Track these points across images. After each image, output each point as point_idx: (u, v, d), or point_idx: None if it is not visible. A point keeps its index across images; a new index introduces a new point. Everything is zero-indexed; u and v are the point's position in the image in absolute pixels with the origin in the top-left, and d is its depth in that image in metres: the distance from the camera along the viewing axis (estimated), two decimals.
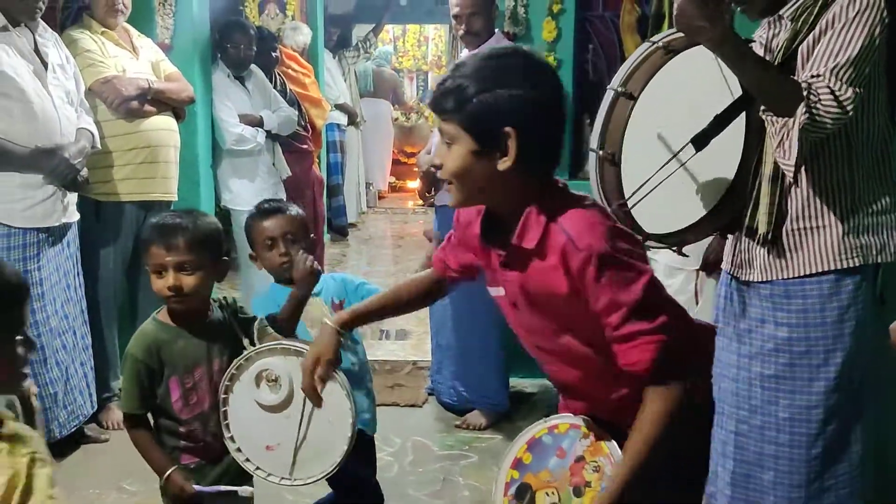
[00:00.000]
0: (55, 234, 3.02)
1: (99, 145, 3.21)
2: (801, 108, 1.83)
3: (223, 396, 1.90)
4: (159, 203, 3.60)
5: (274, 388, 1.88)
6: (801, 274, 1.97)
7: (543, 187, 1.57)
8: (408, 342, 4.77)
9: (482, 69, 1.51)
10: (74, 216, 3.13)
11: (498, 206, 1.62)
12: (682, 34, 2.01)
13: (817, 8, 1.87)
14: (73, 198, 3.10)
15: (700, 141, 1.99)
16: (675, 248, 2.25)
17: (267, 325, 2.06)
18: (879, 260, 1.96)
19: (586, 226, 1.52)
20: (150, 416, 2.04)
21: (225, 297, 2.11)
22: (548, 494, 1.57)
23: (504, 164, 1.50)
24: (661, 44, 2.11)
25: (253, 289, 4.54)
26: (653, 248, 2.23)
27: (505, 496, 1.59)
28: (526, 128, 1.49)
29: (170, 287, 1.94)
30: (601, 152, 2.09)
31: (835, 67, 1.81)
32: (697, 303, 2.93)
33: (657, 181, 2.05)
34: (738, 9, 2.04)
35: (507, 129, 1.48)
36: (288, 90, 4.86)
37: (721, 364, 2.18)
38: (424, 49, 10.61)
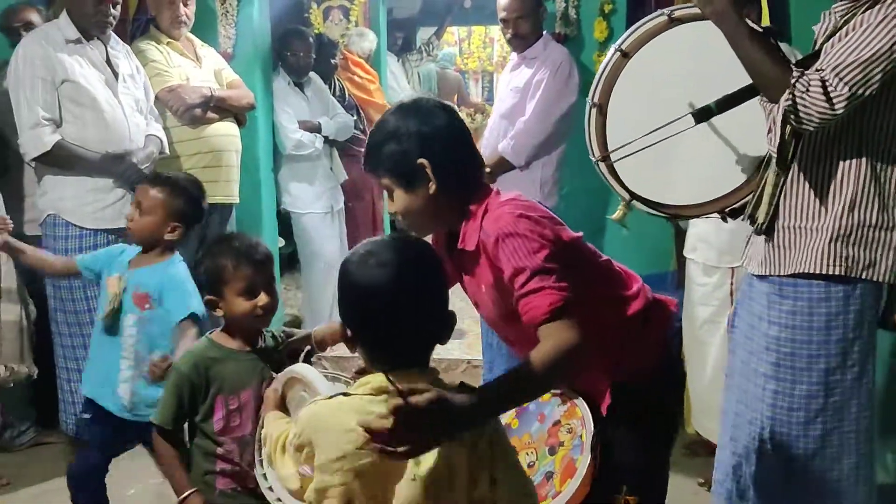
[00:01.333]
0: (124, 236, 3.18)
1: (167, 151, 3.37)
2: (786, 95, 1.84)
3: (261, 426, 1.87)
4: (222, 205, 3.75)
5: None
6: (792, 272, 1.99)
7: (473, 199, 1.76)
8: (463, 341, 4.82)
9: (385, 124, 1.76)
10: None
11: (446, 225, 1.84)
12: (693, 8, 2.07)
13: (861, 10, 1.88)
14: None
15: (701, 115, 2.03)
16: (667, 217, 2.34)
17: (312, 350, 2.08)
18: (865, 276, 1.94)
19: (495, 218, 1.69)
20: (186, 435, 2.03)
21: (276, 330, 2.14)
22: (527, 455, 1.68)
23: (431, 188, 1.72)
24: (668, 13, 2.18)
25: (313, 287, 4.69)
26: (642, 211, 2.32)
27: None
28: (434, 155, 1.71)
29: (264, 306, 1.97)
30: (591, 100, 2.25)
31: (839, 65, 1.81)
32: (733, 302, 2.92)
33: (646, 143, 2.12)
34: None
35: (421, 160, 1.70)
36: (347, 95, 4.98)
37: (734, 357, 2.22)
38: (490, 50, 10.62)
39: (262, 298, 1.97)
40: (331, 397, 1.43)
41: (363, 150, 4.97)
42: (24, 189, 3.48)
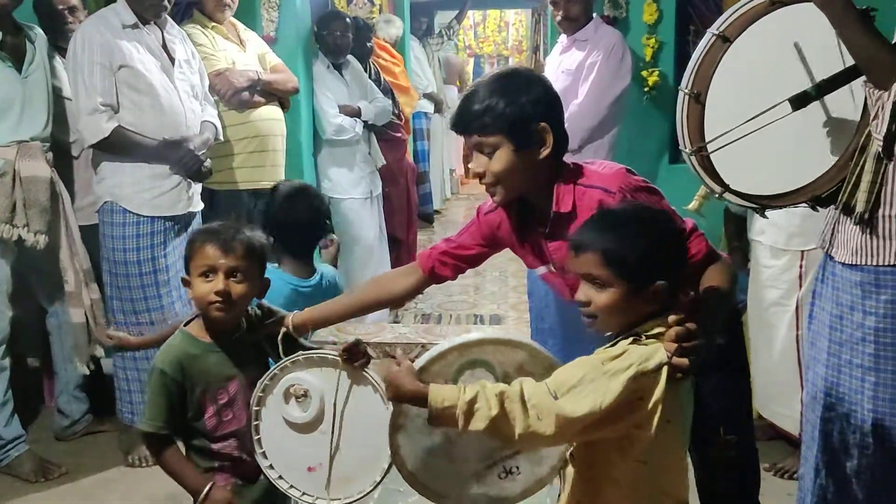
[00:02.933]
0: (180, 223, 3.16)
1: (222, 137, 3.34)
2: None
3: (255, 409, 1.82)
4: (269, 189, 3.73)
5: (303, 404, 1.79)
6: (891, 263, 1.94)
7: (561, 165, 1.88)
8: (503, 326, 4.81)
9: (500, 87, 1.82)
10: (199, 205, 3.26)
11: (534, 192, 1.89)
12: None
13: None
14: (197, 188, 3.24)
15: (799, 101, 1.98)
16: (756, 209, 2.26)
17: (289, 333, 1.95)
18: None
19: (610, 174, 1.83)
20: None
21: (253, 309, 1.98)
22: None
23: (545, 152, 1.82)
24: None
25: (351, 272, 4.67)
26: (729, 201, 2.26)
27: None
28: (551, 120, 1.83)
29: (218, 292, 1.82)
30: (687, 89, 2.15)
31: None
32: (801, 286, 2.90)
33: (744, 131, 2.07)
34: None
35: (542, 124, 1.81)
36: (383, 80, 4.95)
37: (815, 348, 2.17)
38: (505, 34, 10.60)
39: (218, 283, 1.81)
40: (639, 339, 1.56)
41: (399, 134, 5.05)
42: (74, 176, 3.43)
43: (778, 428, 3.14)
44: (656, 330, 1.56)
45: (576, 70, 3.49)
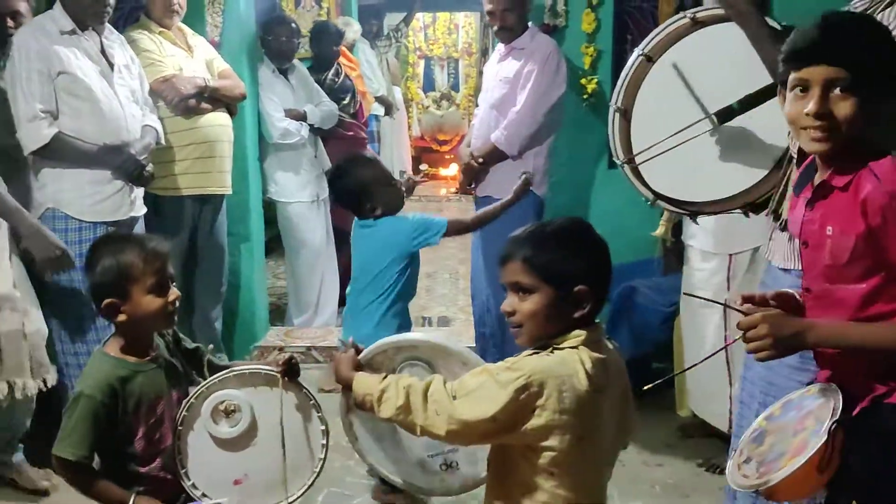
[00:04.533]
0: (122, 228, 3.15)
1: (163, 141, 3.35)
2: None
3: (179, 429, 1.85)
4: (215, 196, 3.76)
5: (233, 420, 1.84)
6: None
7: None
8: (450, 329, 4.88)
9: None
10: (141, 210, 3.26)
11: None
12: (714, 9, 2.13)
13: (883, 6, 1.90)
14: (139, 192, 3.23)
15: (724, 116, 2.09)
16: (688, 215, 2.40)
17: (211, 353, 2.03)
18: None
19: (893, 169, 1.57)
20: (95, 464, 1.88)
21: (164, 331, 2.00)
22: (773, 436, 1.69)
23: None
24: (690, 15, 2.25)
25: (298, 276, 4.69)
26: (663, 208, 2.39)
27: (748, 438, 1.75)
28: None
29: (175, 300, 1.87)
30: (615, 105, 2.28)
31: None
32: (729, 288, 3.02)
33: (670, 144, 2.18)
34: None
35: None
36: (349, 80, 5.05)
37: None
38: (455, 36, 10.65)
39: (174, 292, 1.87)
40: (551, 351, 1.58)
41: (351, 133, 5.09)
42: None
43: (709, 425, 3.25)
44: (569, 342, 1.57)
45: (513, 78, 3.57)
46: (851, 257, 1.59)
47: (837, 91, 1.55)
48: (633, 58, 2.32)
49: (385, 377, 1.68)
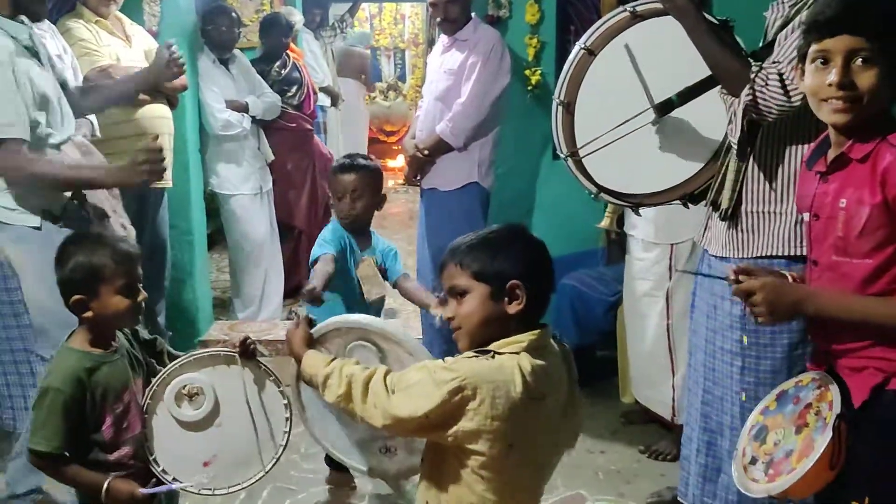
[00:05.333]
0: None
1: (98, 133, 3.26)
2: (746, 90, 1.94)
3: (145, 416, 1.92)
4: (155, 190, 3.68)
5: (195, 402, 1.91)
6: (755, 255, 2.08)
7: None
8: (396, 321, 4.87)
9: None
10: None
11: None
12: (653, 3, 2.16)
13: (812, 0, 1.94)
14: None
15: (663, 108, 2.13)
16: (630, 207, 2.43)
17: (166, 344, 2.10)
18: None
19: None
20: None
21: None
22: (775, 433, 1.71)
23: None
24: (630, 8, 2.28)
25: (241, 270, 4.64)
26: (606, 200, 2.43)
27: (748, 436, 1.76)
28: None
29: (142, 300, 1.94)
30: (558, 99, 2.29)
31: (794, 58, 1.85)
32: (671, 277, 3.07)
33: (612, 137, 2.22)
34: None
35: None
36: (298, 71, 5.01)
37: (696, 336, 2.33)
38: (401, 27, 10.61)
39: (142, 293, 1.94)
40: (491, 356, 1.56)
41: (294, 125, 5.01)
42: None
43: (651, 412, 3.31)
44: (510, 347, 1.57)
45: (458, 70, 3.57)
46: (865, 229, 1.61)
47: (859, 62, 1.57)
48: (575, 52, 2.35)
49: (331, 361, 1.69)
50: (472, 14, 3.65)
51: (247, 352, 1.95)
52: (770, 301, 1.65)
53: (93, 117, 3.23)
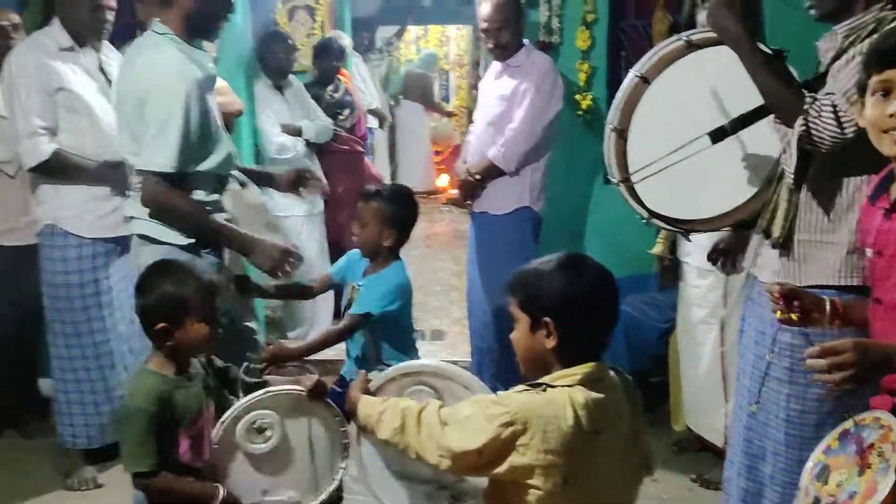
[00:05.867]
0: (122, 244, 3.14)
1: None
2: (800, 121, 1.94)
3: (215, 446, 1.97)
4: None
5: (265, 436, 1.98)
6: (806, 284, 2.06)
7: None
8: (444, 342, 4.89)
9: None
10: None
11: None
12: (708, 32, 2.18)
13: (866, 33, 1.96)
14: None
15: (717, 136, 2.14)
16: (681, 233, 2.43)
17: (245, 370, 2.14)
18: None
19: None
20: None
21: None
22: (839, 474, 1.68)
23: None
24: (685, 38, 2.30)
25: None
26: (658, 226, 2.41)
27: (809, 475, 1.73)
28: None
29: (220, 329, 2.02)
30: (611, 125, 2.32)
31: (848, 90, 1.88)
32: (726, 304, 3.06)
33: (665, 164, 2.23)
34: (806, 5, 2.12)
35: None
36: (349, 95, 5.10)
37: (743, 361, 2.33)
38: (446, 49, 10.70)
39: (214, 324, 2.00)
40: (543, 389, 1.57)
41: (346, 147, 5.08)
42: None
43: (703, 440, 3.28)
44: (562, 381, 1.58)
45: (510, 96, 3.60)
46: None
47: None
48: (629, 79, 2.36)
49: (386, 400, 1.72)
50: (525, 40, 3.68)
51: (318, 393, 2.00)
52: (861, 363, 1.56)
53: None
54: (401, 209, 2.66)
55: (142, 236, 2.49)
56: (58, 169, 3.00)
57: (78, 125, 3.02)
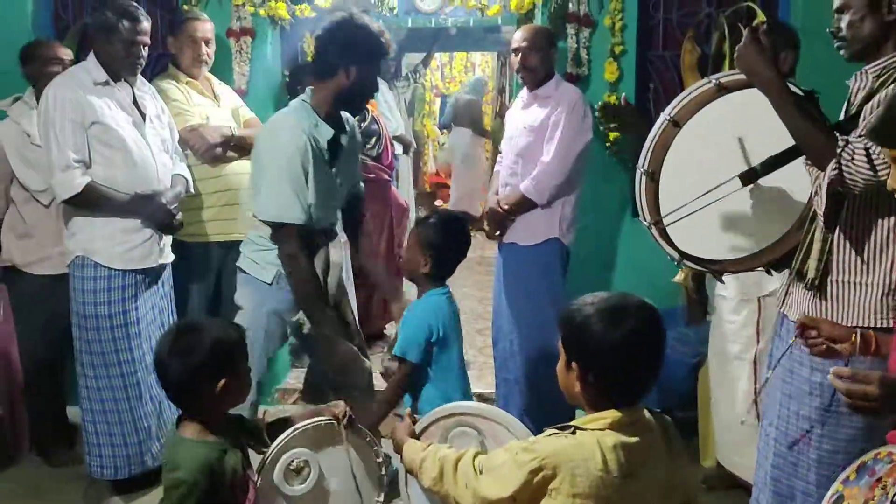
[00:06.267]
0: (151, 275, 3.19)
1: (192, 189, 3.39)
2: (832, 164, 1.92)
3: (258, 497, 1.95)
4: (239, 242, 3.77)
5: (303, 476, 1.98)
6: (844, 325, 2.04)
7: None
8: (470, 373, 4.84)
9: None
10: (169, 257, 3.30)
11: None
12: (738, 75, 2.17)
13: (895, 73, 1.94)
14: (168, 240, 3.28)
15: (748, 177, 2.13)
16: (713, 273, 2.40)
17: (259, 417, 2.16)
18: None
19: None
20: None
21: None
22: (849, 503, 1.70)
23: None
24: (715, 81, 2.29)
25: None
26: (689, 267, 2.39)
27: (827, 502, 1.76)
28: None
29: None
30: (643, 168, 2.30)
31: None
32: (758, 341, 3.03)
33: (697, 206, 2.22)
34: (836, 45, 2.11)
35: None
36: (376, 124, 5.16)
37: (770, 398, 2.30)
38: (471, 75, 10.75)
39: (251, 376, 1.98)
40: (571, 431, 1.57)
41: (373, 175, 5.10)
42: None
43: (737, 477, 3.23)
44: (593, 424, 1.58)
45: (538, 127, 3.59)
46: None
47: None
48: (660, 122, 2.36)
49: (427, 446, 1.75)
50: (556, 74, 3.67)
51: (348, 418, 2.01)
52: (886, 396, 1.60)
53: (188, 174, 3.37)
54: (439, 236, 2.63)
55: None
56: (90, 201, 3.03)
57: (111, 158, 3.06)
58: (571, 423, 1.61)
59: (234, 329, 1.95)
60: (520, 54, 3.58)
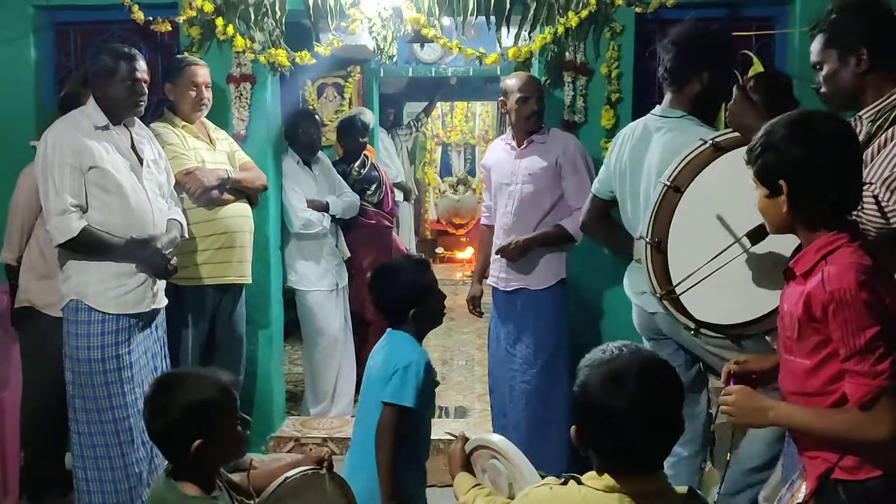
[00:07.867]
0: (144, 320, 3.17)
1: (188, 234, 3.39)
2: None
3: None
4: (235, 285, 3.78)
5: None
6: None
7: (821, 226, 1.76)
8: (468, 420, 4.80)
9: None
10: (163, 302, 3.27)
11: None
12: (733, 134, 2.15)
13: (893, 115, 1.93)
14: (162, 284, 3.25)
15: (756, 235, 2.09)
16: (731, 339, 2.34)
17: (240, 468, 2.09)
18: None
19: (839, 272, 1.67)
20: None
21: None
22: None
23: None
24: (711, 141, 2.27)
25: (315, 364, 4.66)
26: (707, 336, 2.32)
27: None
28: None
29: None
30: (649, 239, 2.25)
31: (888, 178, 1.86)
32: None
33: (707, 272, 2.18)
34: (821, 100, 2.13)
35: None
36: (376, 170, 5.18)
37: (790, 446, 2.24)
38: (472, 124, 10.87)
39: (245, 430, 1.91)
40: (564, 482, 1.57)
41: (373, 222, 5.10)
42: None
43: None
44: (597, 482, 1.52)
45: (540, 172, 3.61)
46: (799, 335, 1.75)
47: None
48: (660, 189, 2.32)
49: (469, 490, 1.86)
50: (544, 125, 3.72)
51: (330, 466, 1.99)
52: (740, 406, 1.82)
53: (183, 219, 3.37)
54: (379, 281, 2.53)
55: None
56: (86, 245, 3.02)
57: (107, 203, 3.06)
58: (572, 475, 1.57)
59: (216, 385, 1.84)
60: (529, 100, 3.62)
